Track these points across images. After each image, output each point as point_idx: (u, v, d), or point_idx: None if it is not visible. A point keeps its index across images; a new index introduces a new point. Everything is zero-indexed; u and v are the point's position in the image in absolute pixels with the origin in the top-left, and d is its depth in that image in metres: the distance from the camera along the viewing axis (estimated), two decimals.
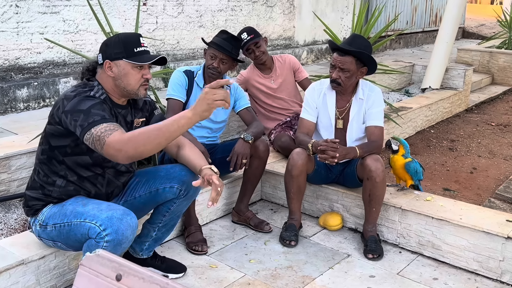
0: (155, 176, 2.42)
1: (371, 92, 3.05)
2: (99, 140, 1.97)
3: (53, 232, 2.18)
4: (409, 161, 3.07)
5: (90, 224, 2.03)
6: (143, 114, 2.39)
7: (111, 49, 2.17)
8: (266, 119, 3.87)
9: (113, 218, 2.01)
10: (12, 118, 4.13)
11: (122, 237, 2.01)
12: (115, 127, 2.01)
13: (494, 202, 3.60)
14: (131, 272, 1.16)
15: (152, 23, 5.37)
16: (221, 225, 3.22)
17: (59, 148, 2.17)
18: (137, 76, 2.19)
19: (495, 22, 11.80)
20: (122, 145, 1.93)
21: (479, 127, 5.66)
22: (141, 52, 2.19)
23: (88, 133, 1.99)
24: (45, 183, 2.22)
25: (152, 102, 2.45)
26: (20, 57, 4.37)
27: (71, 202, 2.20)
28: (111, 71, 2.17)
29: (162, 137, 1.94)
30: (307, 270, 2.71)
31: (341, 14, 8.38)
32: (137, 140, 1.93)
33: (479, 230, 2.71)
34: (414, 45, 10.56)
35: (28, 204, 2.27)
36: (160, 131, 1.94)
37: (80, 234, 2.07)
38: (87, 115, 2.01)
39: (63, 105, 2.09)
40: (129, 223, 2.03)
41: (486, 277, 2.70)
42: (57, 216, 2.16)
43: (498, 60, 7.77)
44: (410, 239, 2.96)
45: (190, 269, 2.66)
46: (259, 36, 3.72)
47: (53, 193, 2.22)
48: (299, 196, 3.04)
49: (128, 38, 2.20)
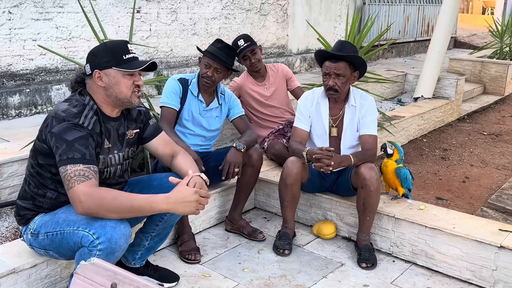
0: (149, 186, 2.41)
1: (364, 101, 3.08)
2: (69, 181, 1.98)
3: (45, 240, 2.16)
4: (400, 167, 3.09)
5: (83, 233, 2.01)
6: (137, 125, 2.37)
7: (99, 58, 2.14)
8: (258, 127, 3.89)
9: (107, 227, 1.99)
10: (4, 125, 4.11)
11: (115, 245, 1.99)
12: (90, 173, 2.00)
13: (486, 211, 3.62)
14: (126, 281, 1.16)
15: (145, 31, 5.37)
16: (215, 234, 3.21)
17: (46, 166, 2.15)
18: (128, 83, 2.17)
19: (486, 32, 11.93)
20: (87, 200, 1.96)
21: (471, 136, 5.71)
22: (130, 59, 2.17)
23: (64, 168, 2.00)
24: (36, 194, 2.21)
25: (146, 112, 2.44)
26: (12, 63, 4.35)
27: (63, 210, 2.18)
28: (101, 81, 2.15)
29: (130, 212, 2.03)
30: (300, 279, 2.71)
31: (334, 23, 8.44)
32: (106, 203, 1.98)
33: (472, 239, 2.72)
34: (406, 54, 10.65)
35: (20, 213, 2.25)
36: (132, 207, 2.02)
37: (73, 243, 2.05)
38: (69, 148, 2.00)
39: (51, 124, 2.06)
40: (122, 231, 2.02)
41: (479, 286, 2.72)
42: (49, 225, 2.14)
43: (490, 70, 7.85)
44: (404, 248, 2.97)
45: (183, 278, 2.65)
46: (255, 44, 3.75)
47: (44, 204, 2.21)
48: (293, 205, 3.05)
49: (116, 46, 2.18)
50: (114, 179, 2.30)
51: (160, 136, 2.45)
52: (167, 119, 3.04)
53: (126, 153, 2.33)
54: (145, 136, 2.42)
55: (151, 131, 2.42)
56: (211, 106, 3.17)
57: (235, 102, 3.27)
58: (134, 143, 2.38)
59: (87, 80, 2.19)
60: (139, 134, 2.39)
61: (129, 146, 2.34)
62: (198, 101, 3.13)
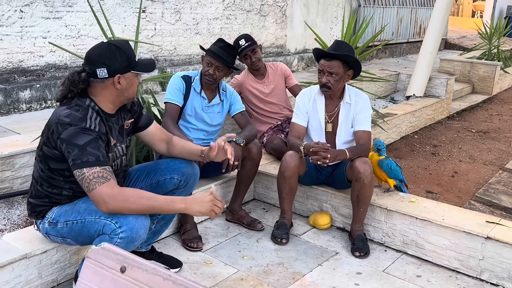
0: (156, 169, 2.49)
1: (358, 98, 3.16)
2: (89, 184, 2.02)
3: (63, 229, 2.21)
4: (382, 159, 3.18)
5: (106, 221, 2.07)
6: (131, 115, 2.43)
7: (119, 63, 2.16)
8: (258, 123, 3.98)
9: (129, 216, 2.05)
10: (15, 118, 4.18)
11: (136, 235, 2.06)
12: (108, 174, 2.05)
13: (474, 204, 3.74)
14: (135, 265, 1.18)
15: (150, 30, 5.47)
16: (216, 223, 3.30)
17: (58, 171, 2.18)
18: (136, 83, 2.27)
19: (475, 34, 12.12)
20: (111, 201, 2.02)
21: (460, 134, 5.82)
22: (139, 61, 2.25)
23: (79, 171, 2.03)
24: (51, 193, 2.24)
25: (139, 103, 2.49)
26: (23, 60, 4.43)
27: (83, 200, 2.22)
28: (119, 84, 2.18)
29: (150, 211, 2.10)
30: (297, 266, 2.80)
31: (330, 24, 8.56)
32: (129, 205, 2.05)
33: (460, 230, 2.80)
34: (399, 55, 10.77)
35: (35, 210, 2.28)
36: (153, 208, 2.08)
37: (94, 231, 2.11)
38: (82, 152, 2.03)
39: (57, 130, 2.07)
40: (143, 222, 2.08)
41: (467, 275, 2.80)
42: (69, 214, 2.19)
43: (479, 71, 7.98)
44: (395, 238, 3.07)
45: (185, 265, 2.73)
46: (256, 43, 3.85)
47: (62, 201, 2.25)
48: (291, 196, 3.14)
49: (127, 49, 2.21)
50: (121, 169, 2.38)
51: (154, 124, 2.52)
52: (171, 114, 3.12)
53: (127, 143, 2.41)
54: (141, 125, 2.47)
55: (145, 120, 2.48)
56: (213, 102, 3.25)
57: (236, 99, 3.35)
58: (131, 132, 2.45)
59: (96, 83, 2.18)
60: (134, 123, 2.45)
61: (127, 135, 2.41)
62: (200, 98, 3.22)
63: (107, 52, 2.17)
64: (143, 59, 2.31)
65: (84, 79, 2.16)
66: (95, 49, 2.21)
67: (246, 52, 3.81)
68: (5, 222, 2.82)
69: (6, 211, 2.92)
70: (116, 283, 1.20)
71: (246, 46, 3.77)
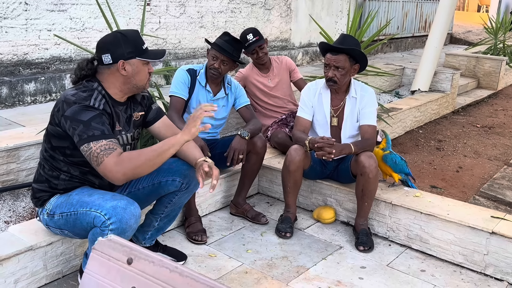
0: (158, 170, 2.44)
1: (364, 93, 3.15)
2: (97, 158, 2.06)
3: (60, 220, 2.24)
4: (387, 153, 3.18)
5: (96, 213, 2.09)
6: (142, 108, 2.45)
7: (123, 49, 2.20)
8: (263, 117, 3.98)
9: (118, 208, 2.07)
10: (20, 111, 4.19)
11: (126, 225, 2.07)
12: (114, 145, 2.09)
13: (478, 199, 3.74)
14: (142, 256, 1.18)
15: (155, 23, 5.46)
16: (220, 217, 3.31)
17: (60, 149, 2.22)
18: (146, 71, 2.29)
19: (481, 29, 12.05)
20: (119, 168, 2.06)
21: (465, 129, 5.81)
22: (147, 49, 2.28)
23: (87, 146, 2.07)
24: (51, 176, 2.28)
25: (150, 97, 2.52)
26: (28, 52, 4.44)
27: (77, 192, 2.25)
28: (124, 70, 2.21)
29: (159, 158, 2.13)
30: (301, 260, 2.81)
31: (335, 18, 8.53)
32: (135, 162, 2.08)
33: (465, 225, 2.80)
34: (404, 49, 10.73)
35: (36, 196, 2.33)
36: (159, 154, 2.12)
37: (86, 223, 2.13)
38: (87, 127, 2.07)
39: (62, 108, 2.12)
40: (132, 212, 2.10)
41: (471, 270, 2.81)
42: (64, 206, 2.22)
43: (484, 65, 7.95)
44: (399, 233, 3.07)
45: (190, 258, 2.75)
46: (263, 38, 3.84)
47: (59, 186, 2.28)
48: (295, 191, 3.14)
49: (134, 37, 2.25)
50: None
51: (162, 120, 2.52)
52: (176, 107, 3.12)
53: (133, 134, 2.41)
54: (149, 120, 2.49)
55: (154, 115, 2.49)
56: (218, 96, 3.25)
57: (241, 92, 3.35)
58: (140, 125, 2.46)
59: (103, 69, 2.24)
60: (144, 117, 2.47)
61: (136, 127, 2.42)
62: (205, 91, 3.21)
63: (112, 38, 2.23)
64: (153, 49, 2.33)
65: (90, 66, 2.23)
66: (103, 37, 2.28)
67: (253, 48, 3.80)
68: (11, 214, 2.84)
69: (11, 203, 2.94)
70: (122, 275, 1.21)
71: (254, 41, 3.77)
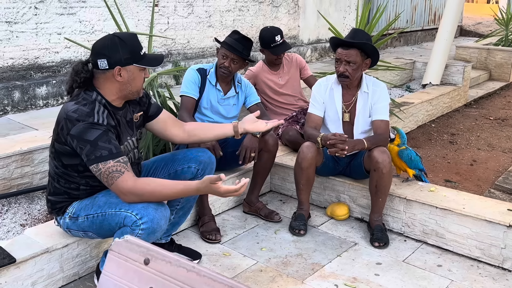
0: (173, 159, 2.51)
1: (376, 87, 3.13)
2: (107, 179, 2.08)
3: (84, 222, 2.23)
4: (403, 149, 3.16)
5: (126, 213, 2.09)
6: (140, 108, 2.41)
7: (120, 54, 2.13)
8: (273, 114, 3.96)
9: (149, 208, 2.08)
10: (32, 114, 4.22)
11: (157, 226, 2.08)
12: (122, 167, 2.08)
13: (493, 192, 3.70)
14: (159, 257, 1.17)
15: (163, 23, 5.48)
16: (233, 215, 3.31)
17: (72, 166, 2.20)
18: (141, 78, 2.24)
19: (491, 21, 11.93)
20: (129, 195, 2.10)
21: (478, 121, 5.77)
22: (145, 54, 2.22)
23: (95, 166, 2.07)
24: (69, 189, 2.26)
25: (147, 94, 2.48)
26: (39, 56, 4.47)
27: (103, 194, 2.25)
28: (120, 77, 2.16)
29: (165, 199, 2.19)
30: (316, 257, 2.80)
31: (343, 14, 8.49)
32: (147, 197, 2.11)
33: (481, 219, 2.78)
34: (414, 43, 10.66)
35: (56, 207, 2.30)
36: (167, 196, 2.16)
37: (115, 223, 2.13)
38: (94, 147, 2.05)
39: (66, 127, 2.08)
40: (163, 213, 2.11)
41: (488, 264, 2.78)
42: (89, 208, 2.21)
43: (495, 57, 7.87)
44: (415, 228, 3.05)
45: (204, 257, 2.75)
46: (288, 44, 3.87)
47: (80, 196, 2.27)
48: (308, 188, 3.13)
49: (132, 42, 2.17)
50: (134, 162, 2.38)
51: (165, 111, 2.52)
52: (187, 107, 3.12)
53: (137, 136, 2.41)
54: (151, 114, 2.46)
55: (155, 109, 2.47)
56: (228, 95, 3.25)
57: (252, 90, 3.35)
58: (141, 124, 2.45)
59: (98, 74, 2.17)
60: (143, 116, 2.44)
61: (137, 128, 2.41)
62: (216, 90, 3.21)
63: (109, 43, 2.15)
64: (151, 54, 2.28)
65: (87, 69, 2.16)
66: (99, 40, 2.20)
67: (282, 51, 3.83)
68: (26, 217, 2.86)
69: (27, 206, 2.96)
70: (140, 275, 1.20)
71: (281, 43, 3.78)
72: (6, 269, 2.19)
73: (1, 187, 2.96)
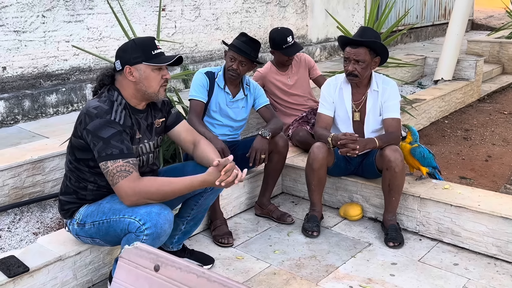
0: (183, 172, 2.48)
1: (386, 85, 3.09)
2: (113, 177, 2.11)
3: (91, 229, 2.25)
4: (415, 147, 3.12)
5: (130, 220, 2.10)
6: (162, 114, 2.46)
7: (129, 54, 2.21)
8: (283, 115, 3.95)
9: (152, 213, 2.09)
10: (43, 123, 4.25)
11: (161, 230, 2.08)
12: (130, 167, 2.12)
13: (510, 188, 3.65)
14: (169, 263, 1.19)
15: (171, 28, 5.49)
16: (245, 218, 3.30)
17: (84, 161, 2.24)
18: (157, 77, 2.26)
19: (503, 13, 11.77)
20: (133, 194, 2.11)
21: (492, 116, 5.70)
22: (159, 54, 2.25)
23: (104, 164, 2.11)
24: (78, 188, 2.29)
25: (169, 102, 2.52)
26: (48, 64, 4.51)
27: (107, 200, 2.26)
28: (132, 76, 2.22)
29: (173, 197, 2.21)
30: (330, 259, 2.78)
31: (352, 11, 8.44)
32: (151, 196, 2.14)
33: (497, 215, 2.74)
34: (424, 38, 10.57)
35: (64, 208, 2.34)
36: (174, 194, 2.19)
37: (120, 230, 2.14)
38: (106, 145, 2.10)
39: (85, 121, 2.15)
40: (166, 217, 2.11)
41: (506, 261, 2.74)
42: (95, 214, 2.23)
43: (508, 50, 7.77)
44: (430, 227, 3.02)
45: (217, 261, 2.75)
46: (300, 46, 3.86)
47: (87, 197, 2.30)
48: (320, 188, 3.11)
49: (144, 42, 2.25)
50: (147, 167, 2.38)
51: (181, 124, 2.53)
52: (196, 111, 3.11)
53: (156, 142, 2.42)
54: (168, 124, 2.49)
55: (173, 119, 2.50)
56: (237, 97, 3.23)
57: (260, 92, 3.33)
58: (162, 131, 2.47)
59: (117, 76, 2.27)
60: (165, 122, 2.47)
61: (158, 134, 2.43)
62: (224, 93, 3.20)
63: (124, 45, 2.27)
64: (168, 56, 2.31)
65: (107, 70, 2.30)
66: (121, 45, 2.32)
67: (294, 53, 3.82)
68: (39, 225, 2.88)
69: (39, 214, 2.98)
70: (150, 282, 1.21)
71: (293, 44, 3.78)
72: (20, 278, 2.20)
73: (14, 196, 2.98)
